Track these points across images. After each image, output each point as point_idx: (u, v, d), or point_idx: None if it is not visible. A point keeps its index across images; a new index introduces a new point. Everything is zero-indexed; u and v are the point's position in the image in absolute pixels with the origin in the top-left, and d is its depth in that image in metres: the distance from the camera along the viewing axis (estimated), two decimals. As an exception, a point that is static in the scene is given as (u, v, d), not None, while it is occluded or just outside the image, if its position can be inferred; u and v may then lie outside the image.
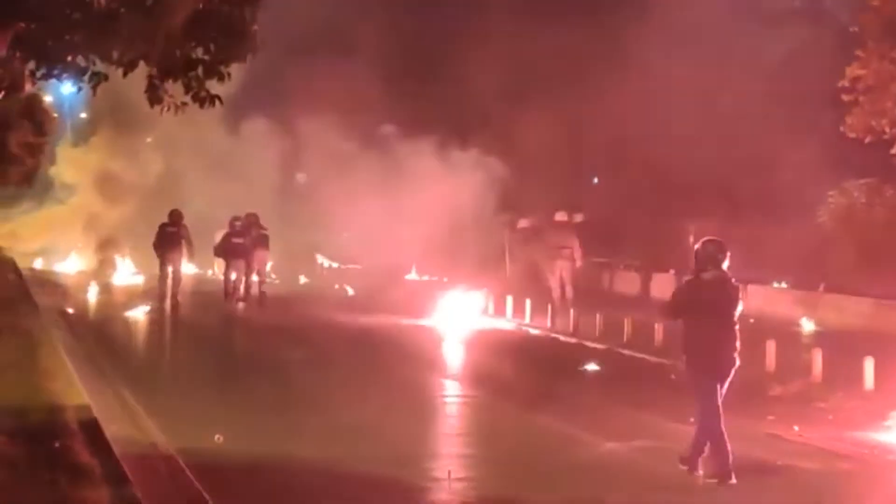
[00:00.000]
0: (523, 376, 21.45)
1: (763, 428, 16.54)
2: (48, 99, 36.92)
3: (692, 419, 16.76)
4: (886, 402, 17.37)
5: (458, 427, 16.19)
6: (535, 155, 33.68)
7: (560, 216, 34.86)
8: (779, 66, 38.11)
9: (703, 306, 13.47)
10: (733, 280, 13.72)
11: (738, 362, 13.74)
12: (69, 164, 52.75)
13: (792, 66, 37.06)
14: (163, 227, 33.09)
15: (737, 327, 13.63)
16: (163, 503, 10.98)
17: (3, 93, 10.55)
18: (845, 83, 25.17)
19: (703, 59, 37.42)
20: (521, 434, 16.10)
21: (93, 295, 34.95)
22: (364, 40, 43.17)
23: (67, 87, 48.69)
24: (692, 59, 37.20)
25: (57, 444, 11.41)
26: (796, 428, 16.47)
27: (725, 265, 13.59)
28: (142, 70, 10.81)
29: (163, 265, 32.82)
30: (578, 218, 35.52)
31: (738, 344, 13.63)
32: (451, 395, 19.11)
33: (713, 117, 35.83)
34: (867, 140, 25.35)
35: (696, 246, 13.93)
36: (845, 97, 25.24)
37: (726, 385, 13.88)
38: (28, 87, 15.29)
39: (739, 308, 13.71)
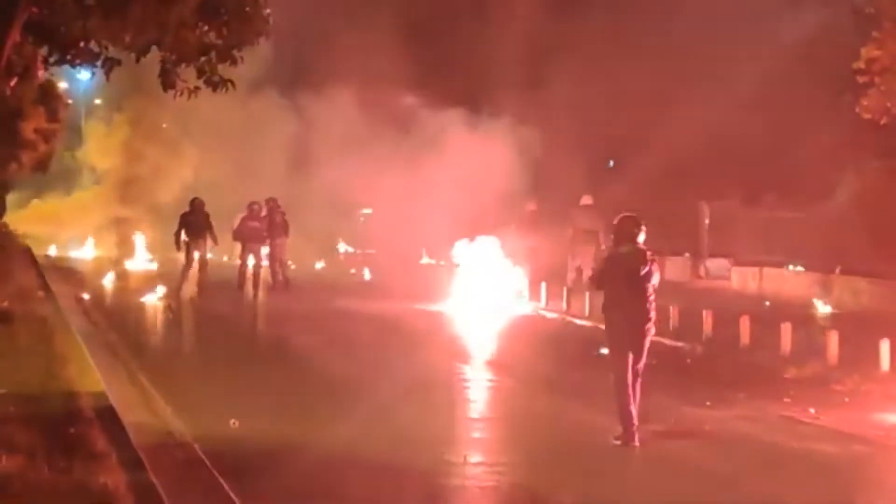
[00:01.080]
0: (539, 360, 21.46)
1: (779, 410, 16.53)
2: (63, 85, 36.98)
3: (708, 403, 16.85)
4: (903, 385, 17.40)
5: (474, 411, 16.15)
6: (553, 137, 33.53)
7: (586, 199, 34.97)
8: (796, 48, 37.97)
9: (620, 278, 14.43)
10: (649, 253, 14.62)
11: (652, 331, 14.73)
12: (97, 146, 53.31)
13: (809, 48, 36.93)
14: (185, 215, 33.22)
15: (652, 297, 14.56)
16: (180, 489, 10.95)
17: (16, 78, 10.54)
18: (861, 65, 25.04)
19: (720, 41, 37.38)
20: (538, 418, 16.09)
21: (108, 281, 34.97)
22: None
23: (83, 74, 49.03)
24: (710, 41, 37.15)
25: (73, 431, 11.42)
26: (812, 410, 16.43)
27: (641, 239, 14.59)
28: (155, 54, 10.77)
29: (188, 252, 32.93)
30: (588, 201, 35.55)
31: (653, 315, 14.59)
32: (467, 378, 19.09)
33: (730, 99, 35.69)
34: (883, 121, 25.24)
35: (614, 221, 14.93)
36: (861, 79, 25.11)
37: (644, 355, 14.60)
38: (41, 73, 15.30)
39: (655, 279, 14.57)
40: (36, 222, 50.70)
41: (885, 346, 18.96)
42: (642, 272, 14.42)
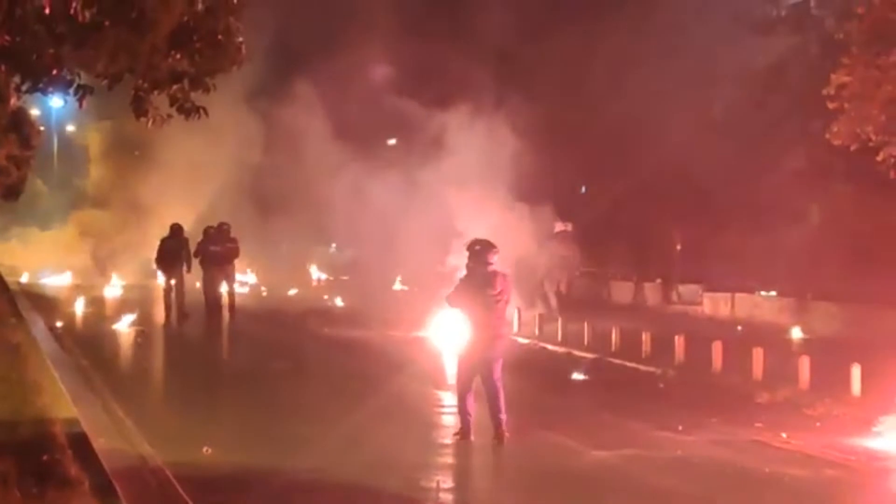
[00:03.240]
0: (514, 385, 21.46)
1: (750, 435, 16.59)
2: (35, 112, 36.95)
3: (680, 427, 16.91)
4: (873, 408, 17.42)
5: (447, 436, 16.17)
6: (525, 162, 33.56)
7: (560, 226, 35.14)
8: (766, 74, 38.24)
9: (477, 294, 15.76)
10: (503, 274, 15.98)
11: (505, 340, 16.34)
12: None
13: (779, 74, 37.20)
14: (164, 240, 33.15)
15: (503, 313, 16.10)
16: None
17: (-12, 107, 10.58)
18: (831, 91, 25.19)
19: (692, 68, 37.56)
20: (511, 443, 16.10)
21: (81, 308, 34.89)
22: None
23: (55, 101, 48.89)
24: (682, 67, 37.33)
25: (45, 458, 11.42)
26: (784, 435, 16.51)
27: (495, 260, 15.92)
28: (128, 82, 10.82)
29: (167, 278, 32.88)
30: (562, 227, 35.73)
31: (504, 330, 16.39)
32: (440, 403, 19.11)
33: (702, 125, 35.91)
34: (853, 147, 25.38)
35: (466, 244, 16.32)
36: (830, 104, 25.26)
37: (500, 360, 16.05)
38: (14, 101, 15.32)
39: (507, 296, 16.03)
40: (8, 252, 50.71)
41: (856, 371, 19.08)
42: (494, 291, 15.74)
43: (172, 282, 32.80)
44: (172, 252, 32.84)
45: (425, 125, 34.28)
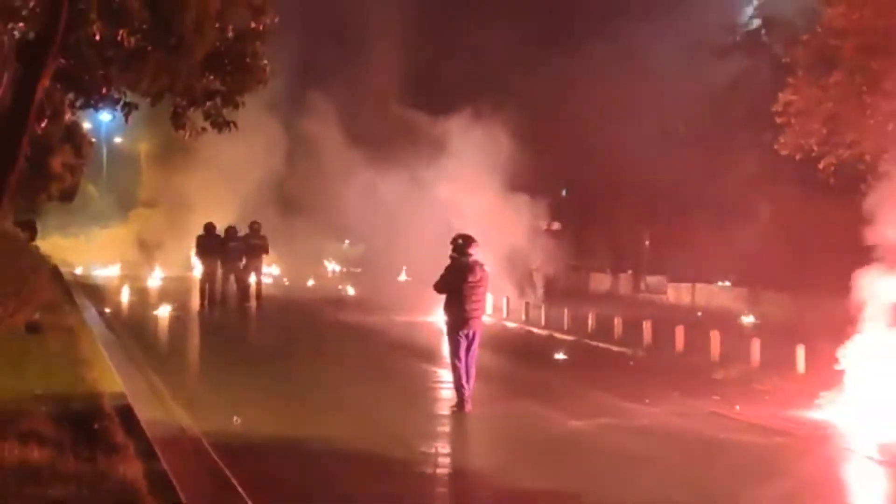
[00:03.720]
0: (502, 364, 21.49)
1: (708, 407, 16.61)
2: (86, 126, 36.99)
3: (647, 400, 16.92)
4: (815, 384, 17.42)
5: (443, 408, 16.17)
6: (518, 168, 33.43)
7: (555, 225, 35.28)
8: (724, 92, 38.26)
9: (459, 283, 16.04)
10: (481, 264, 16.28)
11: (481, 320, 16.47)
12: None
13: (734, 92, 37.21)
14: (200, 237, 33.13)
15: (482, 297, 16.41)
16: (189, 478, 10.97)
17: (46, 120, 10.61)
18: (779, 108, 25.20)
19: (660, 87, 37.57)
20: (500, 414, 16.13)
21: (126, 296, 34.88)
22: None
23: (104, 116, 48.88)
24: (651, 86, 37.34)
25: (96, 426, 11.44)
26: (737, 407, 16.54)
27: (475, 251, 16.19)
28: (168, 99, 10.84)
29: (204, 270, 32.90)
30: (555, 226, 35.81)
31: (480, 312, 16.41)
32: (438, 380, 19.09)
33: (667, 136, 35.93)
34: (798, 157, 25.39)
35: (452, 238, 16.46)
36: (778, 119, 25.26)
37: (477, 340, 16.26)
38: (68, 116, 15.37)
39: (485, 284, 16.36)
40: (64, 248, 50.68)
41: (800, 352, 19.10)
42: (473, 278, 16.03)
43: (208, 273, 32.81)
44: (207, 247, 32.83)
45: (428, 133, 34.13)
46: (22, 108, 9.27)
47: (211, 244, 32.83)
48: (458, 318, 16.13)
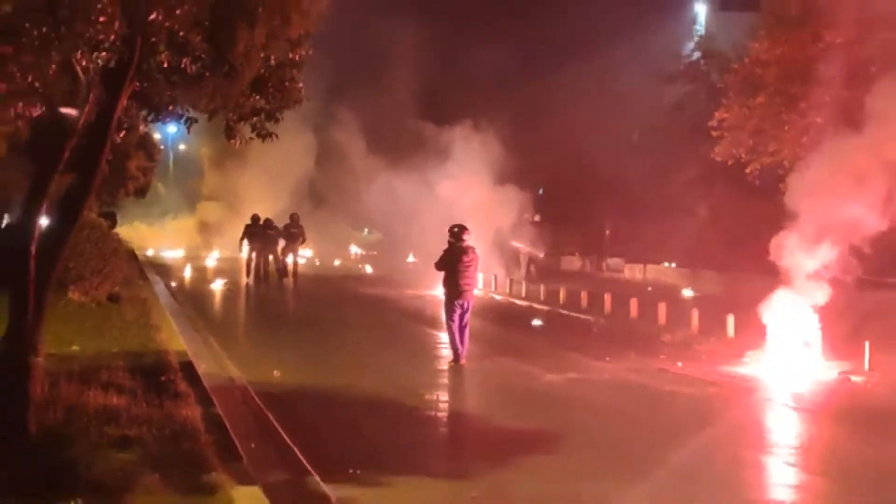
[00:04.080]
0: (490, 329, 21.52)
1: (656, 364, 16.62)
2: (157, 136, 37.04)
3: (607, 358, 16.94)
4: (743, 345, 17.52)
5: (443, 363, 16.20)
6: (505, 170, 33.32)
7: (536, 217, 35.41)
8: (670, 110, 38.29)
9: (455, 263, 16.17)
10: (473, 248, 16.37)
11: (472, 293, 16.49)
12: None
13: (679, 111, 37.24)
14: (248, 226, 33.14)
15: (473, 275, 16.49)
16: (238, 418, 11.01)
17: (124, 132, 10.66)
18: (714, 123, 25.26)
19: (619, 104, 37.57)
20: (489, 369, 16.17)
21: (188, 273, 34.91)
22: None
23: (171, 128, 48.81)
24: (611, 104, 37.34)
25: (163, 378, 11.46)
26: (679, 364, 16.57)
27: (467, 237, 16.24)
28: (222, 115, 10.86)
29: (250, 253, 32.88)
30: (537, 218, 35.90)
31: (472, 287, 16.44)
32: (439, 341, 19.10)
33: (624, 145, 35.95)
34: (730, 163, 25.43)
35: (449, 227, 16.49)
36: (714, 133, 25.31)
37: (469, 309, 16.34)
38: (141, 128, 15.37)
39: (476, 264, 16.50)
40: (139, 234, 50.72)
41: (731, 319, 19.09)
42: (466, 260, 16.15)
43: (253, 254, 32.80)
44: (252, 234, 32.83)
45: (434, 140, 34.07)
46: (104, 122, 9.25)
47: (255, 231, 32.83)
48: (454, 291, 16.22)
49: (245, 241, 33.08)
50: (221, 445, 8.78)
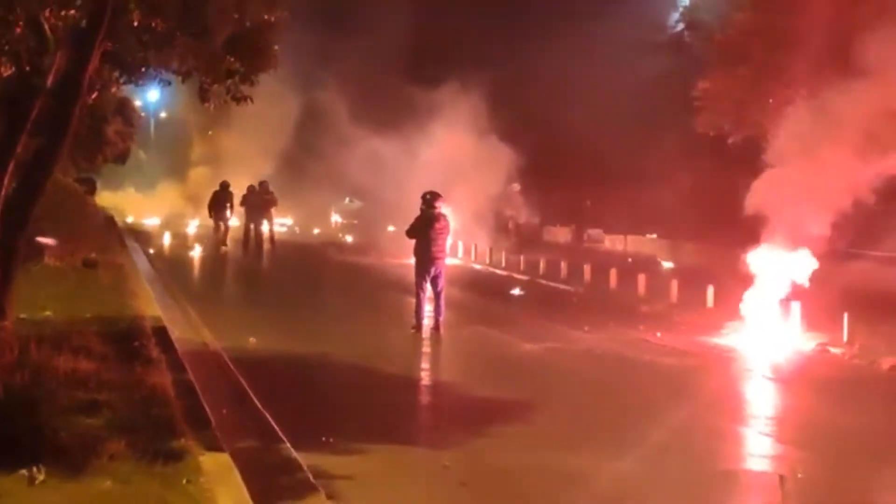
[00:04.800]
0: (469, 298, 21.41)
1: (635, 334, 16.56)
2: (137, 103, 36.68)
3: (586, 328, 16.85)
4: (721, 317, 17.48)
5: (425, 332, 16.06)
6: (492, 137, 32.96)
7: (515, 186, 35.36)
8: (653, 82, 38.07)
9: (426, 230, 15.98)
10: (444, 215, 16.20)
11: (445, 262, 16.35)
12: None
13: (661, 82, 37.01)
14: (216, 193, 32.81)
15: (445, 243, 16.41)
16: (210, 384, 10.87)
17: (96, 93, 10.46)
18: (697, 93, 25.16)
19: (602, 76, 37.32)
20: (466, 337, 16.06)
21: (167, 240, 34.62)
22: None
23: (152, 94, 48.29)
24: (594, 75, 37.10)
25: (136, 343, 11.28)
26: (659, 334, 16.50)
27: (440, 205, 16.09)
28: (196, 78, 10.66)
29: (217, 220, 32.61)
30: (516, 187, 35.81)
31: (443, 254, 16.29)
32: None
33: (607, 117, 35.70)
34: (712, 134, 25.36)
35: (422, 194, 16.29)
36: (697, 103, 25.23)
37: (442, 276, 16.18)
38: (115, 90, 15.16)
39: (450, 230, 16.60)
40: (119, 201, 50.27)
41: (710, 291, 19.04)
42: (438, 227, 15.97)
43: (221, 223, 32.48)
44: (221, 201, 32.47)
45: (420, 103, 33.63)
46: (75, 82, 9.07)
47: (223, 197, 32.44)
48: (425, 258, 16.09)
49: (215, 209, 32.61)
50: (191, 412, 8.64)
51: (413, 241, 16.37)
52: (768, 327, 16.42)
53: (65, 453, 6.76)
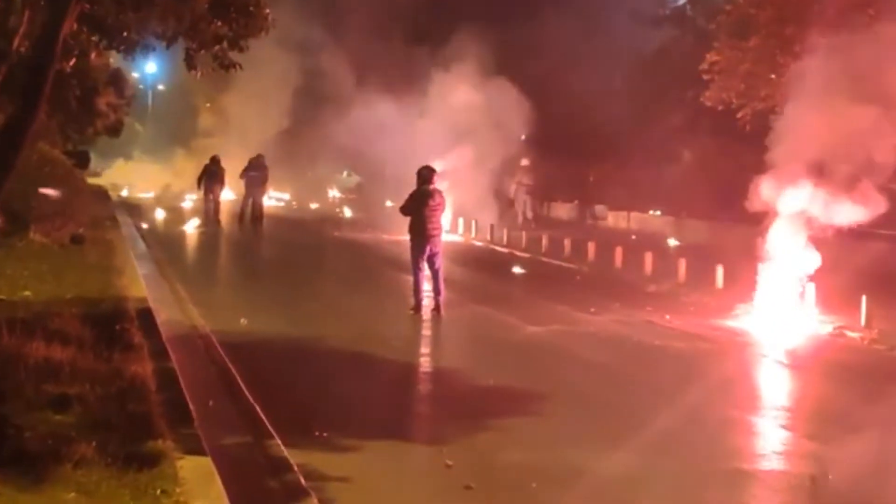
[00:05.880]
0: (470, 276, 20.65)
1: (643, 316, 15.79)
2: (135, 75, 35.91)
3: (592, 309, 16.13)
4: (732, 298, 16.74)
5: (426, 313, 15.33)
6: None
7: (525, 161, 34.60)
8: (654, 56, 37.34)
9: (421, 206, 15.27)
10: (440, 191, 15.59)
11: (440, 238, 15.60)
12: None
13: (663, 57, 36.29)
14: (207, 166, 32.04)
15: (440, 220, 15.68)
16: (197, 371, 10.18)
17: (74, 59, 9.70)
18: (705, 66, 24.41)
19: (603, 50, 36.56)
20: (469, 318, 15.35)
21: (161, 215, 33.75)
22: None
23: (150, 67, 47.35)
24: (596, 49, 36.32)
25: (117, 327, 10.53)
26: (667, 316, 15.75)
27: (435, 180, 15.47)
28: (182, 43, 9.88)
29: (205, 194, 31.85)
30: (525, 162, 35.06)
31: (439, 231, 15.60)
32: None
33: (609, 91, 34.96)
34: (720, 108, 24.60)
35: (417, 170, 15.60)
36: (705, 77, 24.49)
37: (439, 255, 15.48)
38: (94, 55, 14.38)
39: (444, 209, 15.82)
40: (114, 174, 49.44)
41: (720, 270, 18.31)
42: (433, 203, 15.27)
43: (210, 196, 31.68)
44: (211, 174, 31.71)
45: (420, 77, 32.72)
46: (49, 45, 8.33)
47: (215, 171, 31.68)
48: (421, 236, 15.37)
49: (204, 184, 31.78)
50: (173, 406, 7.89)
51: (408, 219, 15.69)
52: (781, 309, 15.66)
53: (25, 458, 6.02)
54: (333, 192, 50.40)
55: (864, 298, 14.78)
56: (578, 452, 8.18)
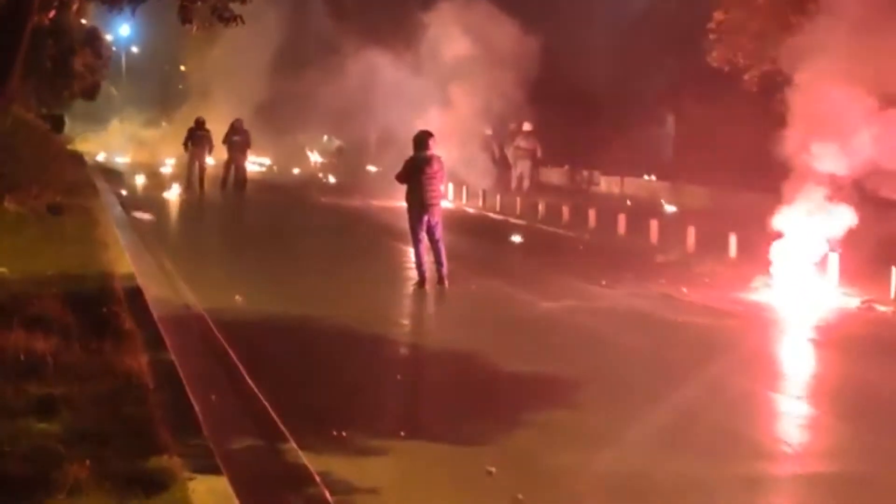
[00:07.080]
0: (468, 245, 19.60)
1: (658, 289, 14.84)
2: (109, 37, 34.63)
3: (603, 282, 15.18)
4: (748, 269, 15.79)
5: (427, 288, 14.35)
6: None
7: (527, 126, 33.54)
8: (647, 14, 36.20)
9: (418, 173, 14.38)
10: (438, 157, 14.62)
11: (440, 206, 14.75)
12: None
13: (659, 14, 35.17)
14: (192, 130, 30.83)
15: (439, 186, 14.74)
16: (194, 359, 9.15)
17: (53, 11, 8.63)
18: (712, 25, 23.43)
19: (591, 14, 35.52)
20: (478, 294, 14.35)
21: (140, 180, 32.48)
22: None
23: (124, 29, 45.93)
24: (585, 13, 35.28)
25: (105, 310, 9.45)
26: (684, 290, 14.80)
27: (432, 145, 14.51)
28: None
29: (191, 159, 30.64)
30: (528, 127, 33.96)
31: (438, 199, 14.70)
32: (409, 259, 17.16)
33: (601, 53, 33.90)
34: (727, 69, 23.63)
35: (414, 134, 14.82)
36: (711, 36, 23.53)
37: (439, 225, 14.62)
38: (76, 6, 13.25)
39: (441, 175, 14.73)
40: (89, 139, 47.94)
41: (732, 238, 17.37)
42: (431, 170, 14.41)
43: (196, 162, 30.49)
44: (197, 138, 30.50)
45: (409, 38, 31.42)
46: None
47: (200, 135, 30.50)
48: (419, 205, 14.45)
49: (191, 148, 30.62)
50: (175, 408, 6.85)
51: (404, 186, 14.71)
52: (804, 282, 14.76)
53: (9, 486, 4.99)
54: (315, 157, 49.15)
55: (894, 270, 13.89)
56: (638, 454, 7.23)
